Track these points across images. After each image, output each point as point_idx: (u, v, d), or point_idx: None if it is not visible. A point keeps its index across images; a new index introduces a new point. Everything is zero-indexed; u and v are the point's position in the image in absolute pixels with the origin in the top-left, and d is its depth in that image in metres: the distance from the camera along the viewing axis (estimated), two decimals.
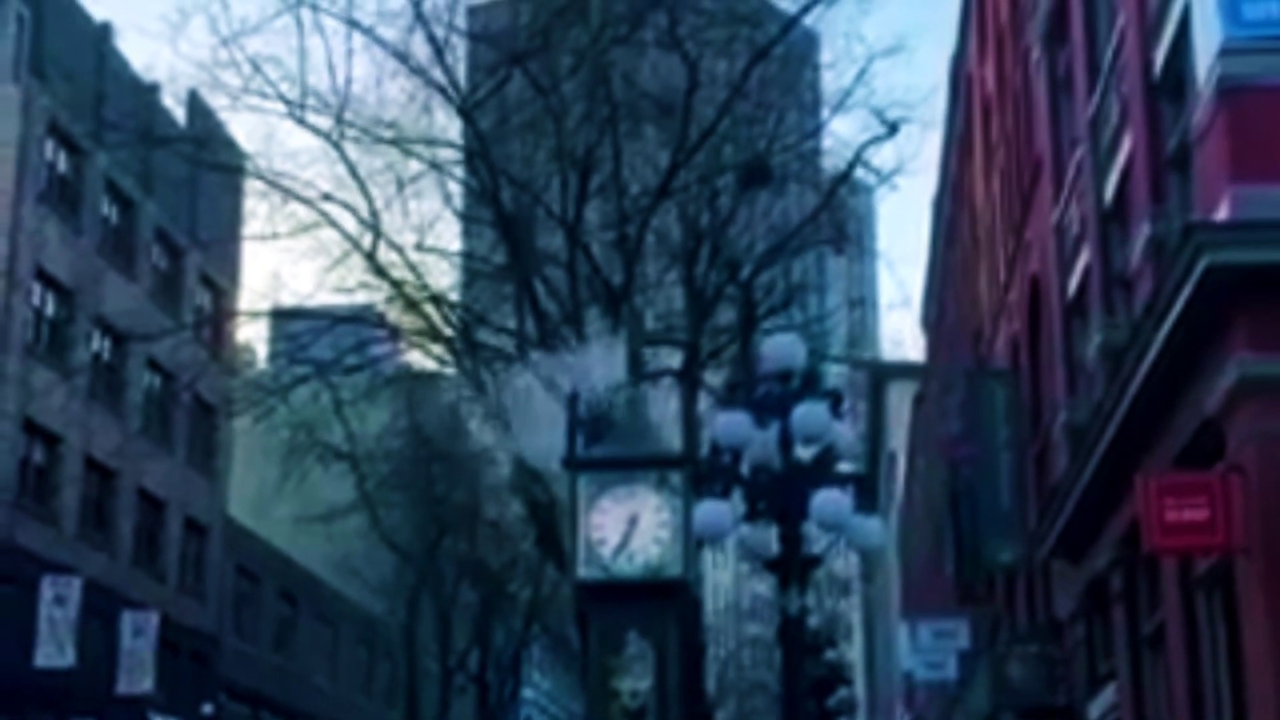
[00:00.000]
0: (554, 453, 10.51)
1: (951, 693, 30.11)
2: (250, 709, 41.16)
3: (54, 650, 28.23)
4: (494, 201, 23.98)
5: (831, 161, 27.01)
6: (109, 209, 35.41)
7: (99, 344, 34.62)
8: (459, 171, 25.76)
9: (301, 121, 24.22)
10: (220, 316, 37.46)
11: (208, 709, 36.84)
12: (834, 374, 32.85)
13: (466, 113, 24.29)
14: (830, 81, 26.43)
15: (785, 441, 9.62)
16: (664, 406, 10.41)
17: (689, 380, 20.43)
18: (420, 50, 23.88)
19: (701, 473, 9.68)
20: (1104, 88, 16.22)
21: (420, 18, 23.62)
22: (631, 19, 23.86)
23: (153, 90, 32.66)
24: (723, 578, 69.79)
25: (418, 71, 24.04)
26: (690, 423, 10.15)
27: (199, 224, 37.68)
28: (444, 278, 26.81)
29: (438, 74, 23.96)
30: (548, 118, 24.02)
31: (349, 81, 25.28)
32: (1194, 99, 12.14)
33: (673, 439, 10.00)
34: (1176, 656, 13.33)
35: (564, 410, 10.11)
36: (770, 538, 9.62)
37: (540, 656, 54.61)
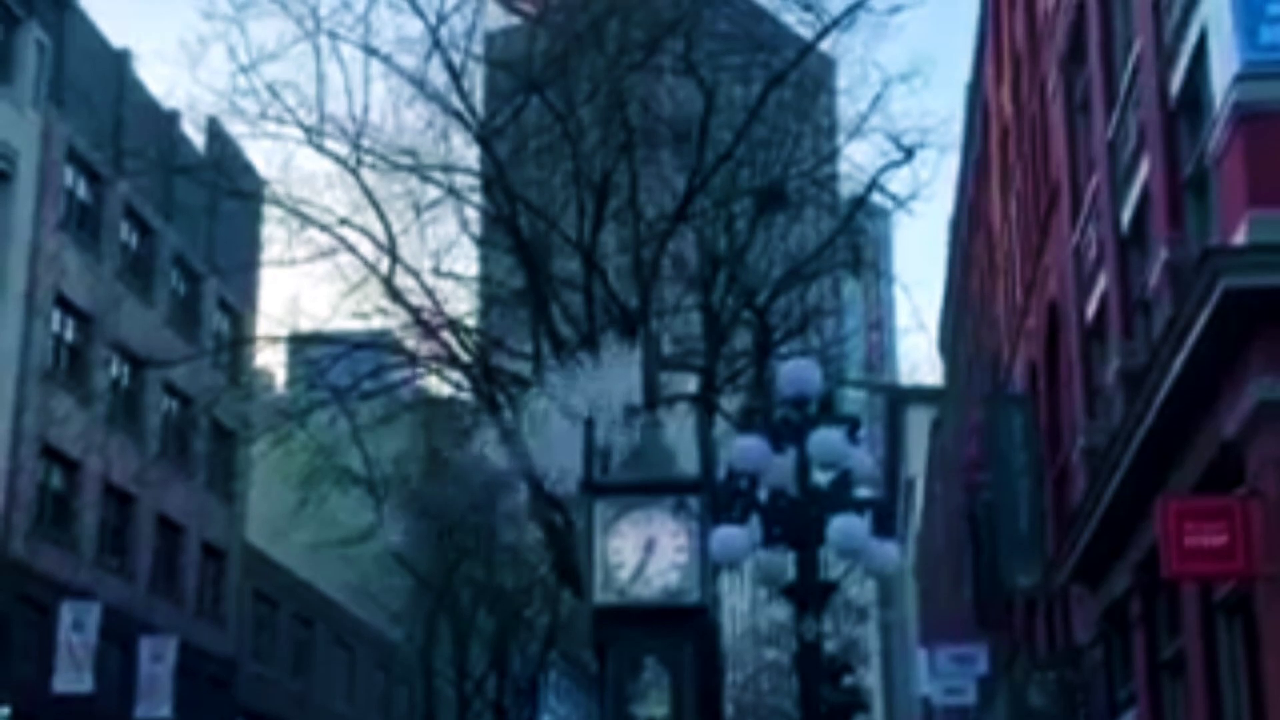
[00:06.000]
0: (570, 476, 10.51)
1: (971, 718, 29.98)
2: None
3: (73, 675, 28.24)
4: (511, 226, 24.04)
5: (848, 186, 27.08)
6: (128, 235, 35.56)
7: (118, 369, 34.72)
8: (476, 197, 25.84)
9: (319, 148, 24.33)
10: (238, 341, 37.54)
11: None
12: (851, 399, 32.83)
13: (484, 138, 24.37)
14: (846, 106, 26.51)
15: (802, 467, 9.60)
16: (680, 431, 10.40)
17: (705, 405, 20.43)
18: (438, 77, 24.01)
19: (718, 498, 9.65)
20: (1121, 111, 16.22)
21: (437, 45, 23.73)
22: (648, 45, 23.92)
23: (172, 117, 32.84)
24: (740, 603, 69.61)
25: (435, 98, 24.15)
26: (707, 447, 10.11)
27: (217, 250, 37.82)
28: (461, 303, 26.92)
29: (455, 100, 24.06)
30: (564, 143, 24.10)
31: (366, 108, 25.48)
32: (1211, 123, 12.12)
33: (689, 464, 9.98)
34: (1197, 682, 13.25)
35: (580, 433, 10.10)
36: (787, 563, 9.60)
37: (558, 681, 54.45)
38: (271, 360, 42.69)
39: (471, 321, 26.48)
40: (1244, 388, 11.00)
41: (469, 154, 25.28)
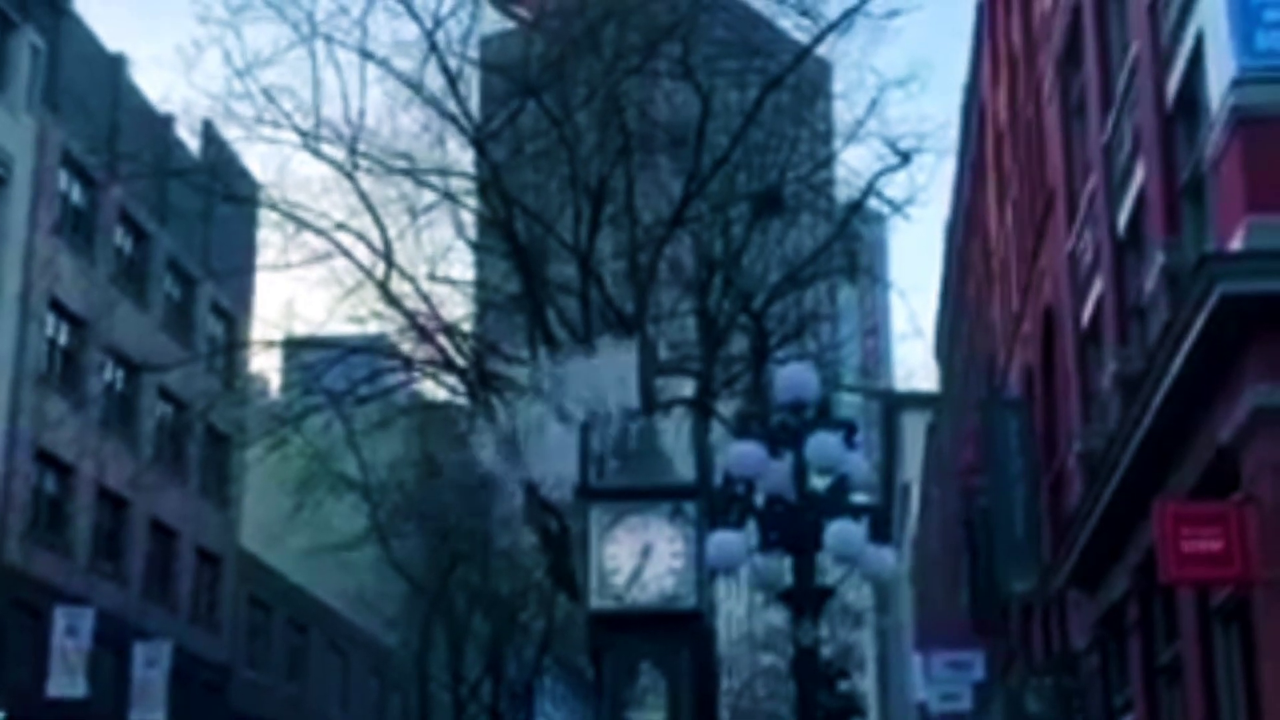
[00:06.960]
0: (567, 481, 10.50)
1: None
2: None
3: (66, 680, 28.18)
4: (507, 231, 24.02)
5: (844, 191, 27.06)
6: (123, 239, 35.52)
7: (112, 374, 34.66)
8: (472, 201, 25.83)
9: (315, 152, 24.31)
10: (233, 346, 37.50)
11: None
12: (847, 404, 32.81)
13: (479, 143, 24.35)
14: (843, 111, 26.47)
15: (799, 472, 9.58)
16: (677, 436, 10.39)
17: (701, 410, 20.41)
18: (434, 81, 24.00)
19: (715, 503, 9.64)
20: (1117, 115, 16.20)
21: (434, 49, 23.71)
22: (644, 49, 23.90)
23: (167, 121, 32.81)
24: (736, 608, 69.55)
25: (431, 102, 24.12)
26: (703, 453, 10.10)
27: (212, 254, 37.78)
28: (457, 308, 26.89)
29: (451, 104, 24.04)
30: (561, 147, 24.07)
31: (362, 112, 25.41)
32: (1208, 127, 12.11)
33: (686, 469, 9.97)
34: (1194, 688, 13.23)
35: (576, 438, 10.09)
36: (784, 568, 9.58)
37: (553, 686, 54.38)
38: (266, 365, 42.69)
39: (467, 326, 26.45)
40: (1240, 393, 10.98)
41: (465, 158, 25.31)
